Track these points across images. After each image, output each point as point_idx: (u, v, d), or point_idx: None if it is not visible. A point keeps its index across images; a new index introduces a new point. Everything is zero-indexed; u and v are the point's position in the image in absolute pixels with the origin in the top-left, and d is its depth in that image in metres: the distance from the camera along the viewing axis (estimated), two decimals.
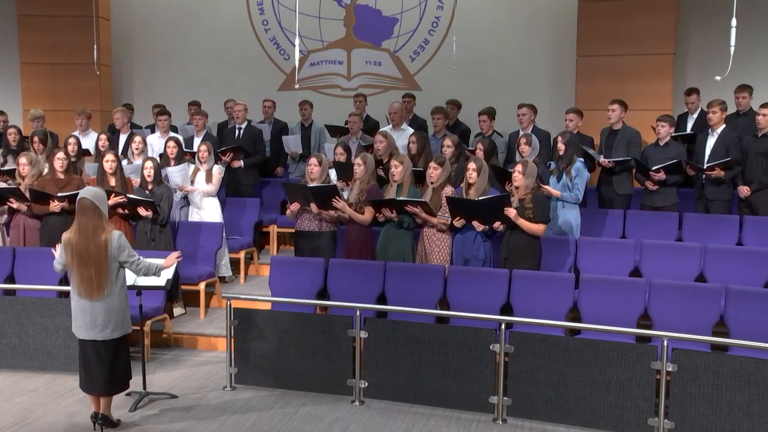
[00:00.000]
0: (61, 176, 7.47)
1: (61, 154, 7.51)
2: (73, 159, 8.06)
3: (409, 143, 7.90)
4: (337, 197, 6.79)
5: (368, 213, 6.82)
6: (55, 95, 11.17)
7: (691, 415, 5.03)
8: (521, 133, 8.16)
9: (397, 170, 6.78)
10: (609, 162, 7.69)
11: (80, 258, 4.96)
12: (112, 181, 7.46)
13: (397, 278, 6.49)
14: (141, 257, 5.18)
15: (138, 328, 5.83)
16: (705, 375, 5.00)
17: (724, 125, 7.56)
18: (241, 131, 9.33)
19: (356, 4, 11.44)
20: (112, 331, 5.03)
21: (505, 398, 5.50)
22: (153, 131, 9.60)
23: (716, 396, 4.97)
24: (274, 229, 9.22)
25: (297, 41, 7.20)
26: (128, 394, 5.66)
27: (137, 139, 8.37)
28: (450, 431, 5.36)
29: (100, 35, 10.72)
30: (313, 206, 6.86)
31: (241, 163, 9.05)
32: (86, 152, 8.78)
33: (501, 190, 6.74)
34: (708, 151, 7.55)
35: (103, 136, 8.74)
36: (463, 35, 10.18)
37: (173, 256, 5.56)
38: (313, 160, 7.07)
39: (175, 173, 7.98)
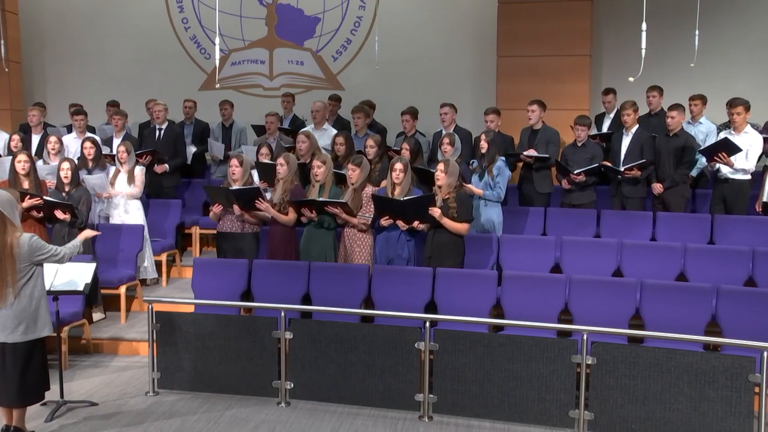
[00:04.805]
0: None
1: None
2: None
3: (337, 144, 7.88)
4: (260, 198, 6.73)
5: (292, 213, 6.78)
6: None
7: (610, 406, 5.19)
8: (444, 132, 8.26)
9: (320, 170, 6.77)
10: (530, 157, 7.86)
11: None
12: (26, 183, 7.18)
13: (321, 278, 6.47)
14: (57, 247, 4.99)
15: (55, 334, 5.63)
16: (622, 366, 5.16)
17: (637, 125, 7.83)
18: (162, 132, 9.13)
19: (278, 3, 11.35)
20: (23, 334, 4.81)
21: (431, 395, 5.55)
22: (70, 131, 9.30)
23: (632, 386, 5.14)
24: (196, 231, 9.07)
25: (218, 40, 7.13)
26: (44, 404, 5.47)
27: (53, 139, 8.08)
28: (377, 430, 5.38)
29: (8, 30, 10.33)
30: (236, 208, 6.79)
31: (166, 167, 8.84)
32: None
33: (425, 191, 6.80)
34: (624, 150, 7.80)
35: (15, 137, 8.43)
36: (385, 35, 10.22)
37: (89, 231, 5.67)
38: (234, 161, 6.99)
39: (93, 180, 7.74)
